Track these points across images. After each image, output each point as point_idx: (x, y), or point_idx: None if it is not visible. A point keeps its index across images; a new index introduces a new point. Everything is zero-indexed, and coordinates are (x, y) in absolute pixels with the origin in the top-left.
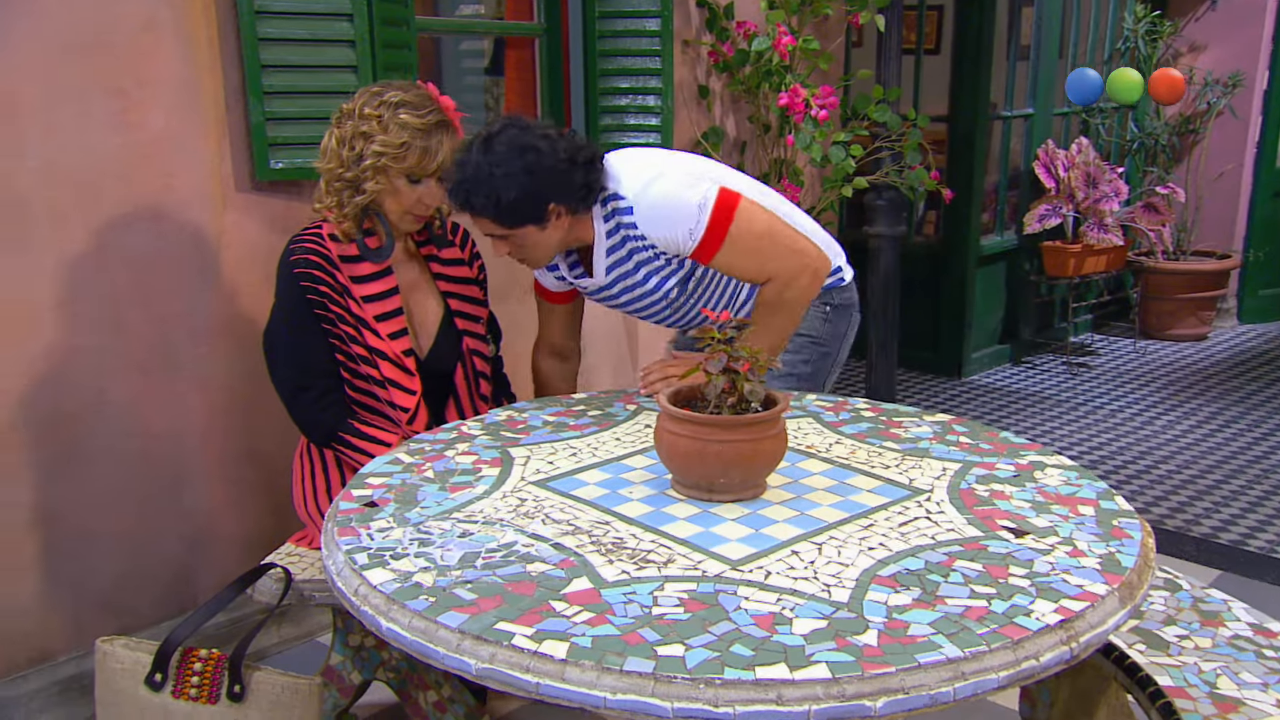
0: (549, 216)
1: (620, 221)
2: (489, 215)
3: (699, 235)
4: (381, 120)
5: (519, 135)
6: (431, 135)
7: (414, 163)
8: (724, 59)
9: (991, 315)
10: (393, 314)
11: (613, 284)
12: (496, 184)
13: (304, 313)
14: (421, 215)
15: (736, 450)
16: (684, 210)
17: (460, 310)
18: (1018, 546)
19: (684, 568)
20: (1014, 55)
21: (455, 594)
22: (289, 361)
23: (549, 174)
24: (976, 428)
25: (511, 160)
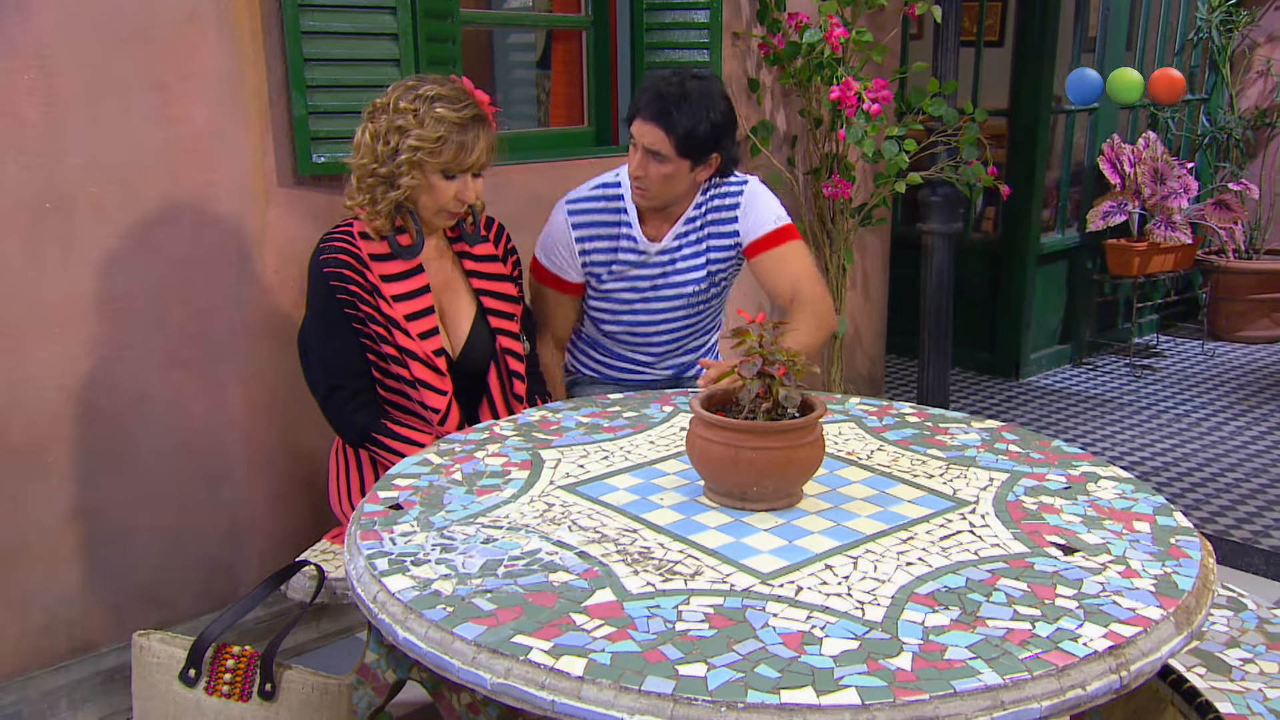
0: (708, 160)
1: (715, 203)
2: (679, 132)
3: (780, 225)
4: (417, 114)
5: (719, 82)
6: (468, 130)
7: (450, 158)
8: (775, 51)
9: (1051, 315)
10: (423, 313)
11: (668, 252)
12: (705, 104)
13: (334, 312)
14: (455, 212)
15: (770, 458)
16: (774, 207)
17: (493, 308)
18: (1066, 565)
19: (712, 580)
20: (1079, 47)
21: (474, 604)
22: (321, 361)
23: (733, 121)
24: (1027, 435)
25: (717, 92)
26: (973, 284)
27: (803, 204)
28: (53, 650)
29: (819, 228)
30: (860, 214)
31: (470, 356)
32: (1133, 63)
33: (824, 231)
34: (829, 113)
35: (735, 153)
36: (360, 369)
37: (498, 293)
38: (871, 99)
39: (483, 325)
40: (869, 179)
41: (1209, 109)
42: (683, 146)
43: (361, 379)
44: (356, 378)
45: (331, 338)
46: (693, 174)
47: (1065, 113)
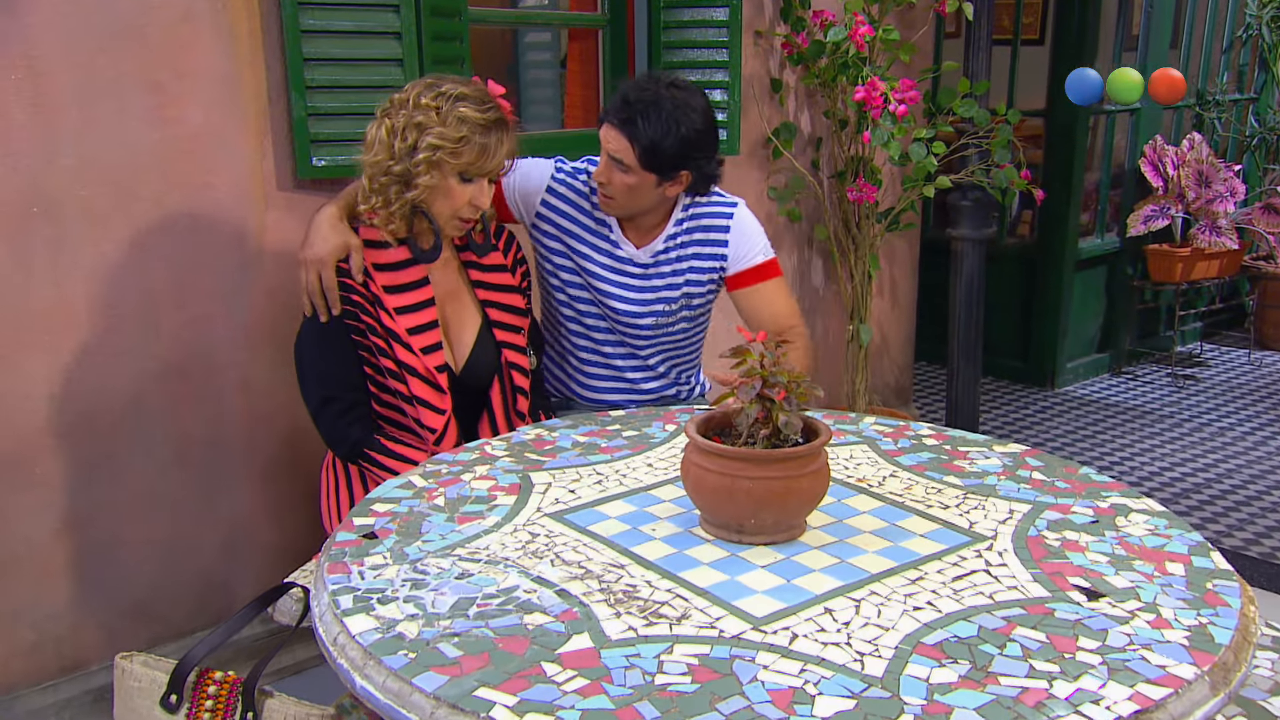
0: (676, 177)
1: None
2: (643, 143)
3: (767, 258)
4: (440, 112)
5: (701, 93)
6: (491, 132)
7: (470, 159)
8: (798, 50)
9: (1089, 322)
10: (427, 327)
11: (644, 265)
12: (675, 116)
13: (332, 322)
14: (468, 219)
15: (768, 488)
16: (762, 238)
17: (500, 320)
18: (1090, 612)
19: (699, 625)
20: (1120, 45)
21: (439, 649)
22: (315, 372)
23: (707, 138)
24: (1053, 462)
25: (693, 105)
26: (1007, 290)
27: (827, 209)
28: (41, 668)
29: (843, 233)
30: (887, 219)
31: (473, 370)
32: (1178, 61)
33: (849, 237)
34: (855, 114)
35: (710, 170)
36: (356, 382)
37: (504, 304)
38: (898, 100)
39: (488, 338)
40: (897, 183)
41: (1258, 109)
42: (646, 158)
43: (357, 392)
44: (351, 391)
45: (328, 348)
46: (660, 189)
47: (1105, 113)
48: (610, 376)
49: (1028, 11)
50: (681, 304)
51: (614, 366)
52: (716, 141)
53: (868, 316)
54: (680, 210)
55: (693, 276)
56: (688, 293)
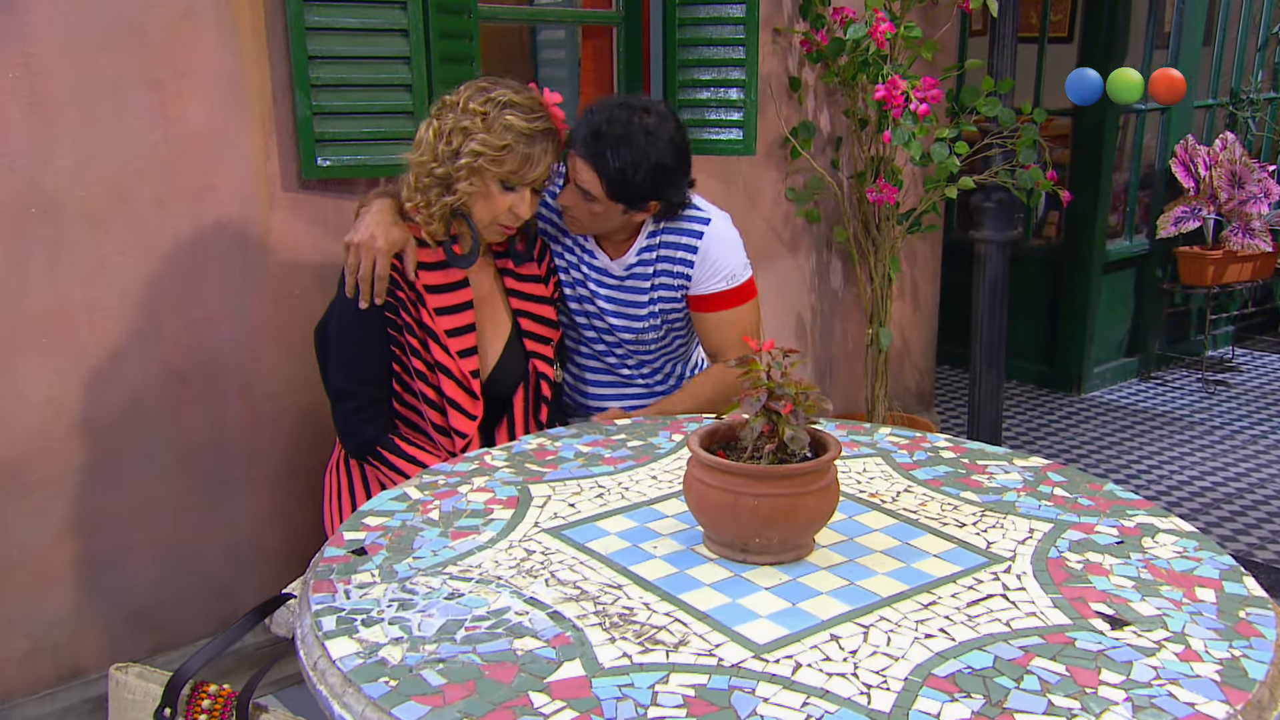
0: (644, 207)
1: (670, 238)
2: (611, 176)
3: (734, 284)
4: (486, 118)
5: (674, 121)
6: (536, 142)
7: (513, 168)
8: (818, 48)
9: (1117, 326)
10: (464, 330)
11: (620, 278)
12: (645, 150)
13: (370, 314)
14: (508, 226)
15: (773, 506)
16: (738, 256)
17: (530, 330)
18: (1114, 642)
19: (697, 652)
20: (1151, 43)
21: (422, 676)
22: (340, 362)
23: (677, 172)
24: (1076, 477)
25: (664, 135)
26: (1032, 292)
27: (846, 210)
28: (38, 676)
29: (863, 234)
30: (908, 220)
31: (499, 379)
32: (1210, 58)
33: (868, 238)
34: (875, 113)
35: (680, 199)
36: (381, 378)
37: (537, 315)
38: (920, 98)
39: (517, 346)
40: (918, 183)
41: None
42: (613, 190)
43: (379, 389)
44: (374, 387)
45: (361, 340)
46: (626, 215)
47: (1135, 112)
48: (612, 382)
49: (1055, 9)
50: (660, 318)
51: (615, 371)
52: (687, 171)
53: (888, 320)
54: (652, 223)
55: (662, 294)
56: (662, 309)
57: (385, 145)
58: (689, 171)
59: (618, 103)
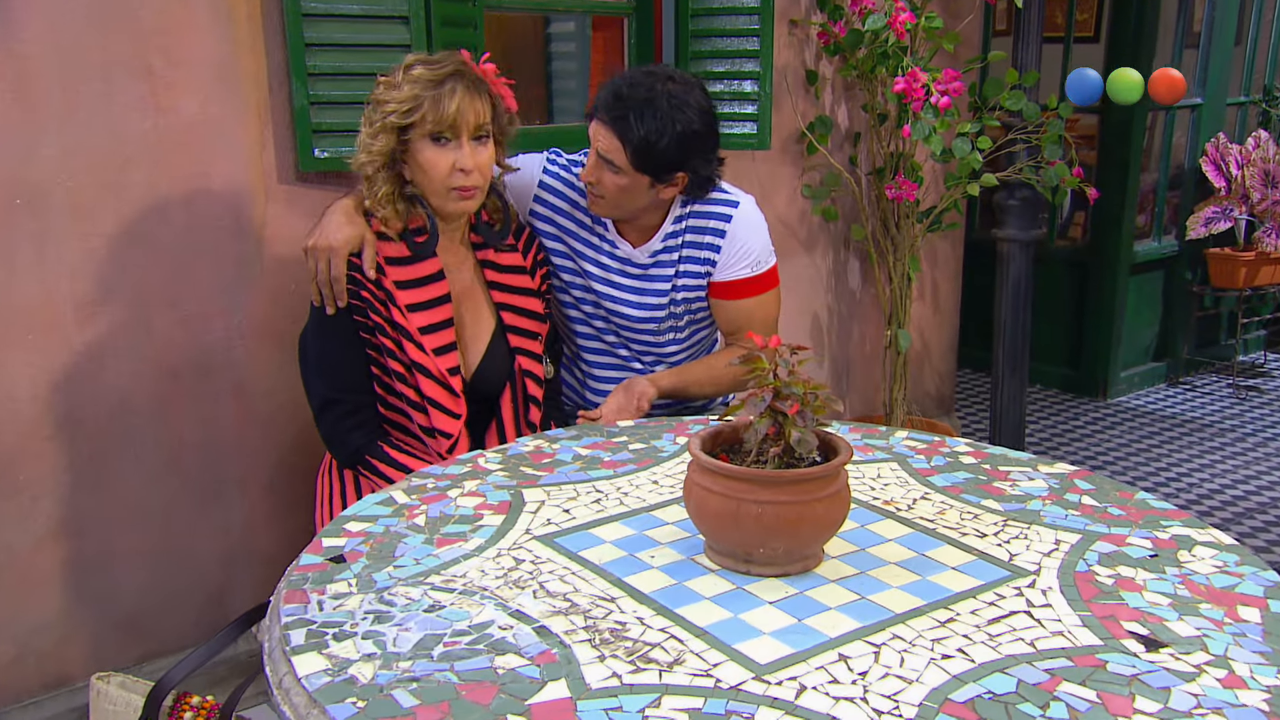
0: (671, 180)
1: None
2: (635, 142)
3: (759, 270)
4: (394, 84)
5: (700, 89)
6: (443, 84)
7: (429, 113)
8: (835, 40)
9: (1145, 329)
10: (440, 325)
11: (643, 266)
12: (671, 115)
13: (340, 319)
14: (464, 190)
15: (778, 514)
16: (765, 242)
17: (515, 325)
18: (1150, 665)
19: (693, 672)
20: (1181, 41)
21: (393, 697)
22: (319, 371)
23: (706, 139)
24: (1105, 485)
25: (691, 102)
26: (1057, 294)
27: (864, 207)
28: (22, 684)
29: (882, 233)
30: (928, 218)
31: (484, 377)
32: (1242, 57)
33: (887, 237)
34: (895, 107)
35: (709, 172)
36: (362, 384)
37: (521, 308)
38: (941, 91)
39: (501, 343)
40: (939, 180)
41: None
42: (638, 159)
43: (362, 394)
44: (356, 393)
45: (333, 346)
46: (654, 191)
47: (1164, 109)
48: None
49: (1081, 8)
50: (683, 308)
51: (628, 371)
52: (716, 142)
53: (907, 321)
54: (679, 206)
55: (685, 280)
56: (685, 297)
57: None
58: (718, 143)
59: (641, 69)
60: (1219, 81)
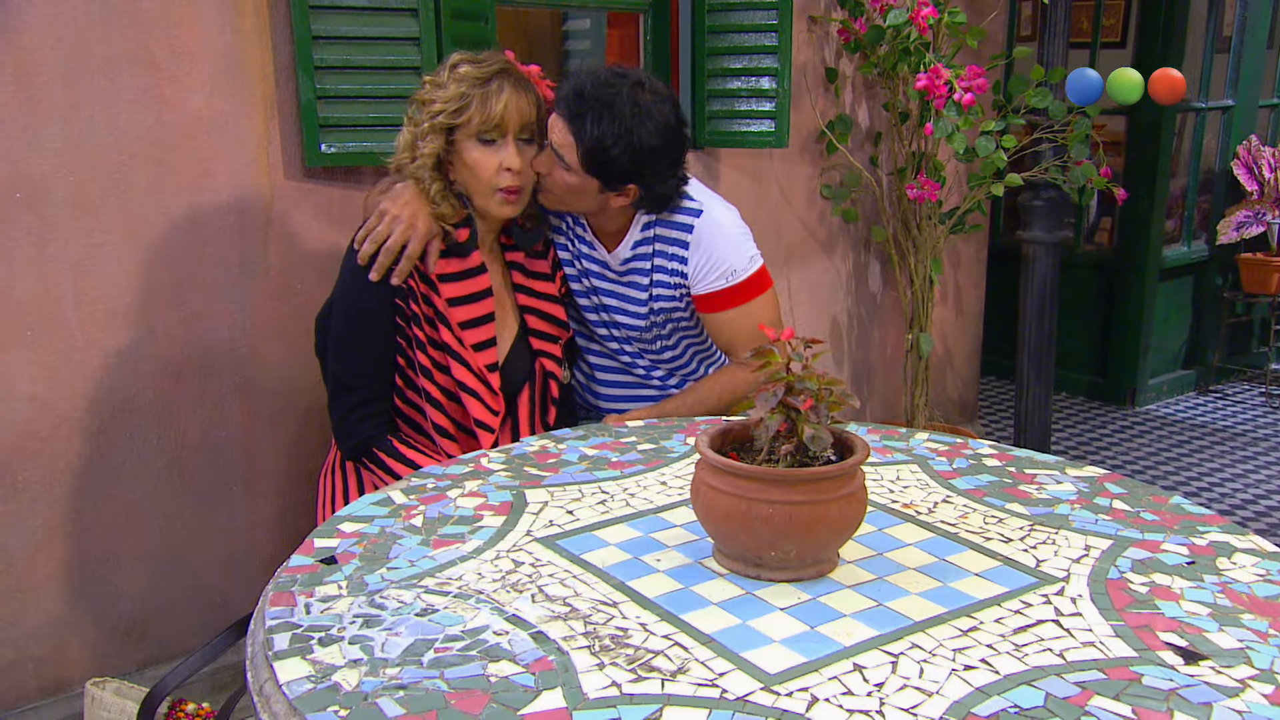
0: (621, 190)
1: (661, 231)
2: (587, 144)
3: (735, 281)
4: (440, 83)
5: (670, 104)
6: (490, 82)
7: (476, 113)
8: (856, 37)
9: (1174, 336)
10: (481, 320)
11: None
12: (630, 124)
13: (376, 306)
14: (510, 190)
15: (791, 515)
16: (738, 250)
17: (537, 329)
18: (1189, 679)
19: (698, 682)
20: (1211, 45)
21: (377, 705)
22: (340, 355)
23: (663, 156)
24: (1137, 489)
25: (655, 115)
26: (1084, 300)
27: (885, 208)
28: (19, 689)
29: (903, 234)
30: (951, 219)
31: (505, 379)
32: (1276, 60)
33: (908, 239)
34: (917, 105)
35: (663, 191)
36: (381, 374)
37: (544, 313)
38: (964, 88)
39: (523, 346)
40: (963, 181)
41: None
42: (588, 161)
43: (379, 385)
44: (374, 382)
45: (360, 333)
46: (603, 197)
47: (1194, 110)
48: (626, 383)
49: (1108, 13)
50: (663, 317)
51: (630, 371)
52: (677, 161)
53: (928, 325)
54: (644, 214)
55: (659, 291)
56: (663, 307)
57: (393, 132)
58: (679, 162)
59: (612, 70)
60: (1251, 84)
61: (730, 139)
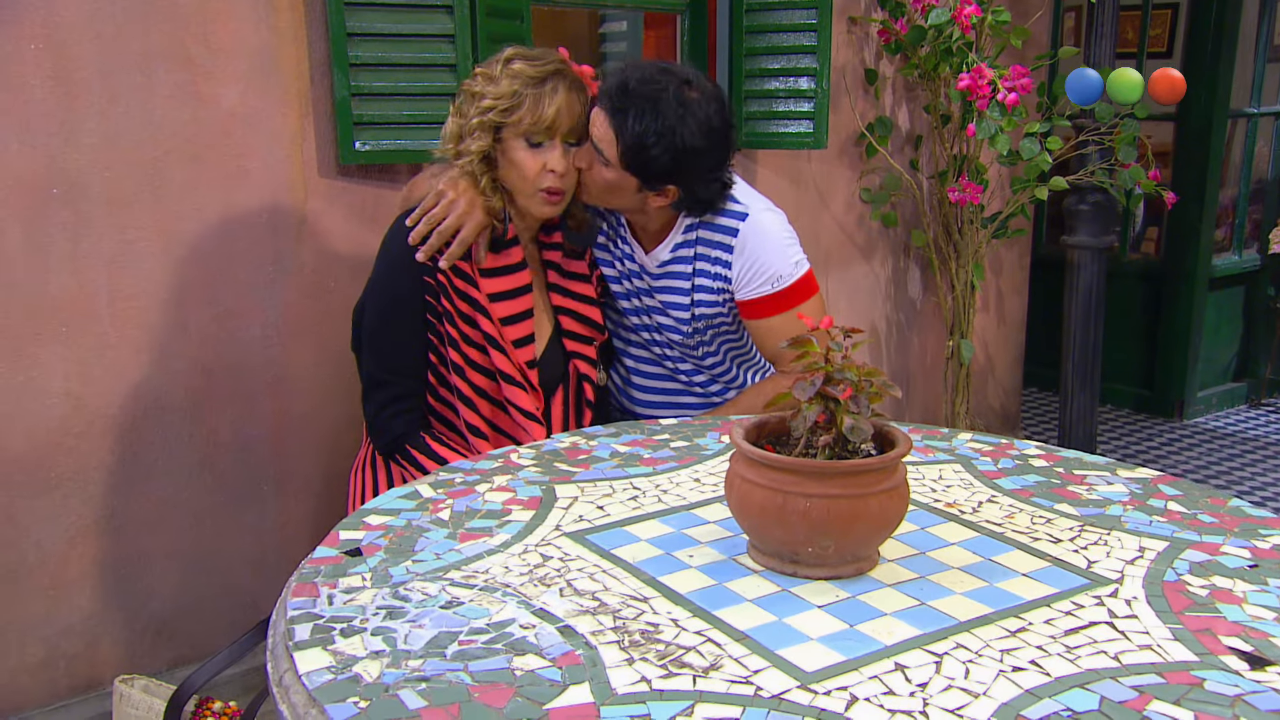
0: (660, 190)
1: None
2: (628, 140)
3: (780, 287)
4: (493, 77)
5: (717, 104)
6: (545, 82)
7: (528, 114)
8: (896, 38)
9: (1224, 348)
10: (521, 316)
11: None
12: (673, 124)
13: (411, 300)
14: (553, 192)
15: (829, 509)
16: (783, 256)
17: (571, 330)
18: (1255, 685)
19: (731, 679)
20: (1263, 55)
21: (398, 697)
22: (374, 348)
23: (707, 158)
24: (1194, 491)
25: (700, 116)
26: (1130, 309)
27: (926, 212)
28: (51, 687)
29: (944, 239)
30: (993, 224)
31: (539, 378)
32: None
33: (949, 244)
34: (959, 108)
35: (706, 195)
36: (415, 369)
37: (579, 314)
38: (1007, 88)
39: (557, 347)
40: (1005, 185)
41: None
42: (628, 159)
43: (414, 382)
44: (408, 378)
45: (396, 327)
46: (642, 195)
47: (1245, 116)
48: (668, 389)
49: (1154, 23)
50: (705, 323)
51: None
52: (720, 163)
53: (970, 332)
54: (686, 216)
55: (701, 297)
56: (705, 313)
57: (427, 129)
58: (723, 164)
59: (659, 65)
60: None
61: (768, 140)
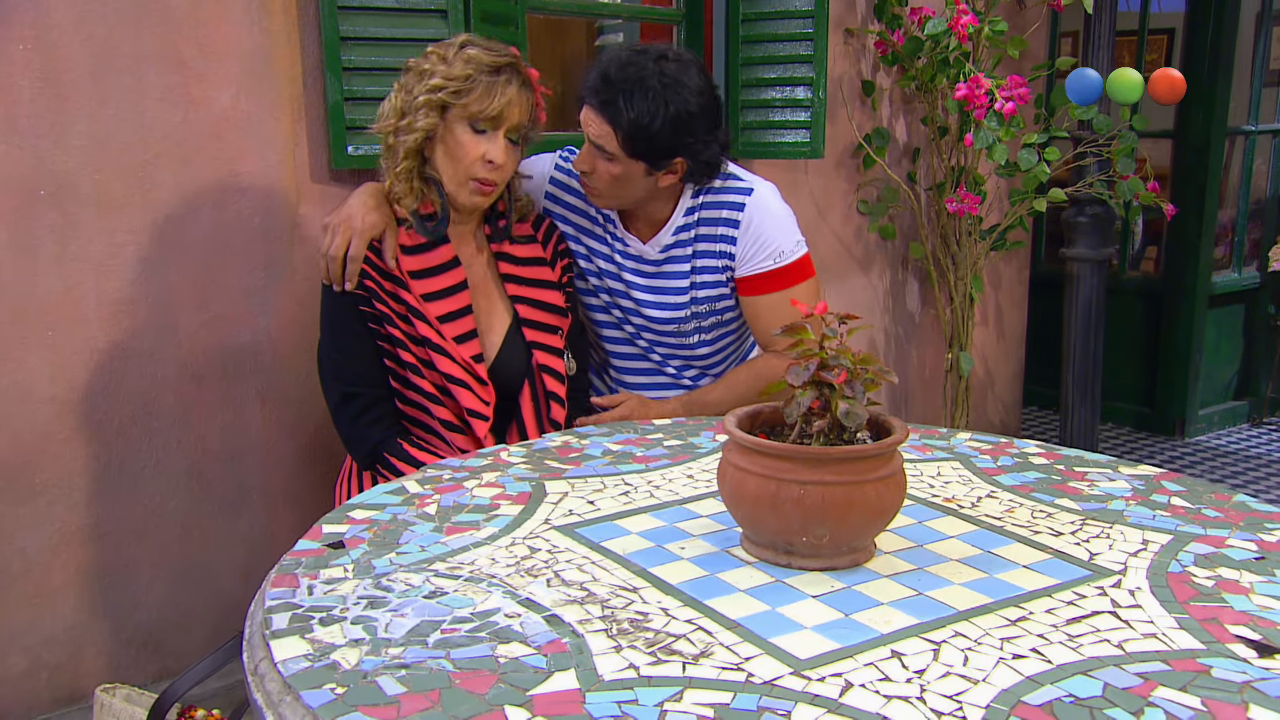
0: (668, 166)
1: (709, 214)
2: (626, 126)
3: (782, 263)
4: (445, 58)
5: (696, 67)
6: (500, 72)
7: (477, 100)
8: (894, 49)
9: (1224, 365)
10: (459, 314)
11: (655, 263)
12: (664, 95)
13: (347, 309)
14: (485, 182)
15: (823, 496)
16: (786, 232)
17: (531, 319)
18: (1264, 672)
19: (722, 665)
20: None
21: (377, 684)
22: (332, 364)
23: (703, 120)
24: (1198, 487)
25: (686, 81)
26: (1130, 327)
27: (924, 224)
28: (33, 698)
29: (942, 251)
30: (991, 236)
31: (501, 372)
32: None
33: (948, 256)
34: (957, 119)
35: (710, 157)
36: (375, 377)
37: (537, 301)
38: (1005, 97)
39: (518, 338)
40: (1003, 197)
41: None
42: (631, 144)
43: (377, 388)
44: (371, 386)
45: (342, 338)
46: (651, 179)
47: (1243, 134)
48: (660, 384)
49: (1151, 48)
50: (705, 307)
51: (660, 375)
52: (716, 121)
53: (968, 344)
54: (690, 197)
55: (704, 278)
56: (706, 295)
57: None
58: (718, 123)
59: (631, 49)
60: None
61: (765, 149)
